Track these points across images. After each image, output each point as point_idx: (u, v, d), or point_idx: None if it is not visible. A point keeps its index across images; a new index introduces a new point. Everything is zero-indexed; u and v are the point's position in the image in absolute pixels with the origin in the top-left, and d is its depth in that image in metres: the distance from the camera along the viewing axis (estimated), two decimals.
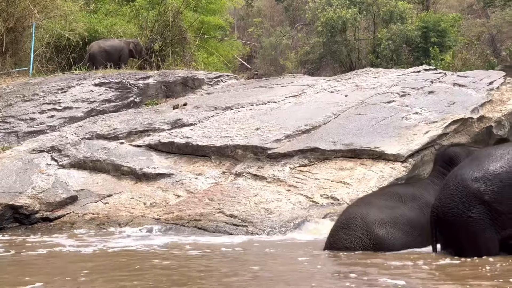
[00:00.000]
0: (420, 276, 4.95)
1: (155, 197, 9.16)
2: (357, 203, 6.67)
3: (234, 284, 4.84)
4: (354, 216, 6.34)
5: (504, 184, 5.89)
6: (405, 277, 4.77)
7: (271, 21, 32.27)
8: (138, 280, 4.89)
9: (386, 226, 6.25)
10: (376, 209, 6.36)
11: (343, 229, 6.33)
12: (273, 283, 4.84)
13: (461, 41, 23.86)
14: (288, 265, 5.82)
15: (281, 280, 5.00)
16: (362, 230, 6.23)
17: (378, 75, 12.82)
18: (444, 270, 5.24)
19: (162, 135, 10.77)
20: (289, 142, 9.76)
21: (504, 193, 5.87)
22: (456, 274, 5.04)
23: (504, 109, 10.23)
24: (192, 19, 19.86)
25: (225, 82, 14.90)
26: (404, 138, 9.29)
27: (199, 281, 4.89)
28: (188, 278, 5.01)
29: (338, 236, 6.32)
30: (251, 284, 4.80)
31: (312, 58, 26.20)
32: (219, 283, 4.79)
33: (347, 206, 6.99)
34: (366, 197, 6.95)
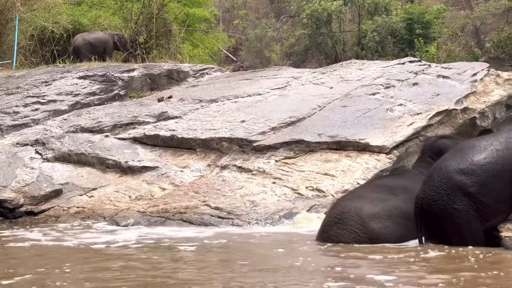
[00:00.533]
0: (406, 269, 4.95)
1: (140, 190, 9.14)
2: (349, 197, 6.64)
3: (218, 276, 4.84)
4: (347, 210, 6.31)
5: (488, 175, 5.92)
6: (392, 271, 4.77)
7: (256, 13, 32.22)
8: (123, 274, 4.88)
9: (381, 219, 6.24)
10: (369, 202, 6.35)
11: (337, 224, 6.29)
12: (258, 277, 4.84)
13: (446, 32, 23.94)
14: (272, 257, 5.82)
15: (265, 272, 5.00)
16: (357, 224, 6.22)
17: (363, 67, 12.84)
18: (430, 263, 5.26)
19: (147, 128, 10.74)
20: (274, 135, 9.76)
21: (488, 185, 5.90)
22: (442, 267, 5.05)
23: (488, 101, 10.29)
24: (177, 11, 19.77)
25: (210, 74, 14.86)
26: (389, 129, 9.31)
27: (182, 276, 4.89)
28: (173, 270, 5.01)
29: (332, 231, 6.29)
30: (236, 276, 4.81)
31: (297, 50, 26.22)
32: (207, 278, 4.79)
33: (338, 199, 6.97)
34: (357, 190, 6.93)
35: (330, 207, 6.75)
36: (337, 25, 24.64)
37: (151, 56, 17.08)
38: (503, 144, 6.15)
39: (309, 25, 23.49)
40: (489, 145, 6.15)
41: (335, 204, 6.72)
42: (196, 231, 7.47)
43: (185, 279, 4.77)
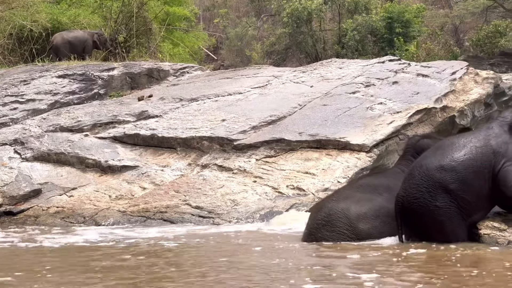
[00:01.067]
0: (387, 268, 4.97)
1: (121, 190, 9.10)
2: (335, 198, 6.63)
3: (199, 273, 4.83)
4: (335, 212, 6.32)
5: (468, 171, 5.98)
6: (372, 270, 4.78)
7: (236, 12, 32.20)
8: (104, 275, 4.86)
9: (369, 220, 6.27)
10: (356, 203, 6.37)
11: (325, 226, 6.30)
12: (232, 275, 4.82)
13: (425, 31, 24.11)
14: (250, 256, 5.82)
15: (241, 271, 4.98)
16: (346, 226, 6.23)
17: (343, 66, 12.87)
18: (411, 261, 5.28)
19: (127, 127, 10.68)
20: (255, 133, 9.76)
21: (469, 181, 5.96)
22: (423, 265, 5.08)
23: (467, 99, 10.36)
24: (157, 9, 19.66)
25: (190, 73, 14.81)
26: (369, 128, 9.35)
27: (168, 276, 4.88)
28: (160, 269, 5.00)
29: (321, 233, 6.29)
30: (210, 275, 4.80)
31: (278, 49, 26.24)
32: (188, 277, 4.78)
33: (322, 200, 6.96)
34: (342, 191, 6.92)
35: (316, 209, 6.73)
36: (317, 24, 24.70)
37: (131, 55, 16.98)
38: (482, 141, 6.22)
39: (290, 24, 23.52)
40: (468, 142, 6.21)
41: (320, 205, 6.70)
42: (175, 230, 7.45)
43: (160, 277, 4.76)
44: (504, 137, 6.32)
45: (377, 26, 22.63)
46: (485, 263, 5.24)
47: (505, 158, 6.14)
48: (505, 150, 6.20)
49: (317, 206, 6.84)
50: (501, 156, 6.14)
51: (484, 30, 22.66)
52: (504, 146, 6.23)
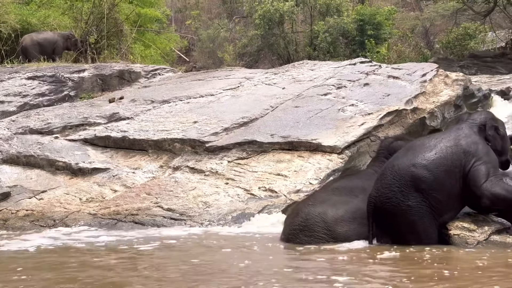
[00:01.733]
0: (358, 269, 4.98)
1: (91, 192, 9.02)
2: (311, 202, 6.64)
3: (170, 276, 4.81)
4: (312, 216, 6.34)
5: (439, 170, 6.06)
6: (343, 272, 4.79)
7: (208, 13, 32.10)
8: (75, 278, 4.81)
9: (347, 222, 6.30)
10: (332, 206, 6.39)
11: (303, 231, 6.31)
12: (196, 277, 4.79)
13: (396, 33, 24.26)
14: (218, 258, 5.78)
15: (206, 275, 4.95)
16: (324, 230, 6.25)
17: (315, 68, 12.92)
18: (384, 262, 5.31)
19: (98, 129, 10.60)
20: (227, 135, 9.74)
21: (440, 180, 6.03)
22: (396, 267, 5.10)
23: (437, 101, 10.44)
24: (128, 11, 19.56)
25: (162, 75, 14.77)
26: (341, 130, 9.38)
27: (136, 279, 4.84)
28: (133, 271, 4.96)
29: (299, 239, 6.30)
30: (178, 277, 4.76)
31: (250, 51, 26.19)
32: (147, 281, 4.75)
33: (298, 204, 6.96)
34: (318, 195, 6.95)
35: (292, 214, 6.73)
36: (289, 25, 24.72)
37: (102, 57, 16.86)
38: (452, 141, 6.31)
39: (262, 25, 23.50)
40: (439, 142, 6.30)
41: (296, 210, 6.70)
42: (145, 233, 7.40)
43: (118, 282, 4.71)
44: (473, 138, 6.42)
45: (348, 28, 22.71)
46: (457, 264, 5.28)
47: (475, 158, 6.23)
48: (475, 149, 6.30)
49: (293, 211, 6.84)
50: (471, 156, 6.23)
51: (454, 32, 22.87)
52: (474, 146, 6.32)
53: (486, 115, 6.95)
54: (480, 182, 6.13)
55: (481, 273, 4.85)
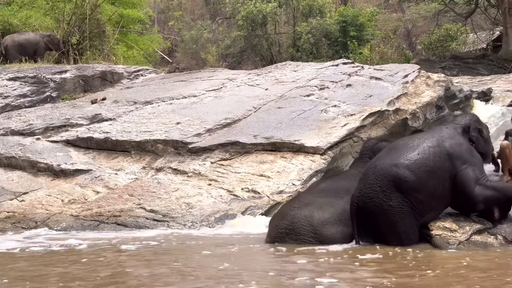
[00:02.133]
0: (339, 271, 4.97)
1: (74, 194, 8.98)
2: (297, 204, 6.63)
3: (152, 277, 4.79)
4: (298, 220, 6.34)
5: (422, 171, 6.09)
6: (325, 274, 4.78)
7: (191, 14, 32.04)
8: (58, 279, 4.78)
9: (333, 225, 6.30)
10: (318, 208, 6.40)
11: (289, 235, 6.31)
12: (179, 279, 4.76)
13: (378, 35, 24.36)
14: (197, 260, 5.74)
15: (187, 275, 4.92)
16: (311, 233, 6.25)
17: (298, 69, 12.94)
18: (366, 264, 5.31)
19: (80, 130, 10.55)
20: (210, 136, 9.73)
21: (422, 181, 6.06)
22: (378, 268, 5.11)
23: (419, 102, 10.50)
24: (111, 12, 19.49)
25: (145, 76, 14.73)
26: (323, 130, 9.40)
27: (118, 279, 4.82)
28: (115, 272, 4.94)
29: (285, 242, 6.29)
30: (165, 280, 4.74)
31: (233, 52, 26.21)
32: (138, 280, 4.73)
33: (284, 207, 6.94)
34: (303, 197, 6.93)
35: (278, 217, 6.71)
36: (272, 27, 24.74)
37: (84, 58, 16.77)
38: (435, 142, 6.34)
39: (245, 27, 23.51)
40: (422, 143, 6.34)
41: (282, 213, 6.68)
42: (127, 234, 7.36)
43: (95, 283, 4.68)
44: (457, 139, 6.46)
45: (331, 30, 22.77)
46: (438, 265, 5.30)
47: (460, 161, 6.27)
48: (459, 152, 6.34)
49: (278, 214, 6.82)
50: (456, 158, 6.26)
51: (435, 34, 23.01)
52: (458, 148, 6.36)
53: (471, 117, 7.02)
54: (471, 188, 6.20)
55: (463, 272, 4.88)
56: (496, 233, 6.33)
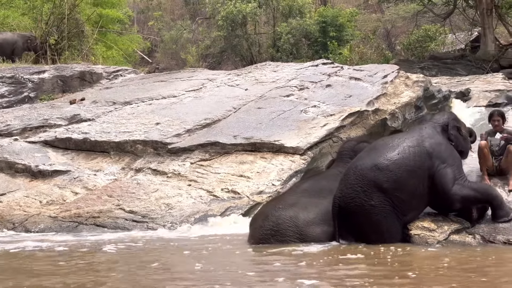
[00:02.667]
0: (320, 272, 4.95)
1: (52, 195, 8.90)
2: (282, 205, 6.60)
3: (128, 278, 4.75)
4: (283, 221, 6.32)
5: (402, 170, 6.11)
6: (305, 274, 4.75)
7: (171, 14, 31.93)
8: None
9: (318, 225, 6.31)
10: (303, 209, 6.39)
11: (275, 236, 6.28)
12: (161, 282, 4.72)
13: (358, 35, 24.43)
14: (174, 261, 5.69)
15: (169, 277, 4.87)
16: (296, 234, 6.24)
17: (278, 69, 12.96)
18: (348, 264, 5.31)
19: (59, 131, 10.48)
20: (189, 137, 9.70)
21: (403, 180, 6.09)
22: (360, 269, 5.10)
23: (398, 102, 10.54)
24: (90, 12, 19.37)
25: (124, 76, 14.66)
26: (303, 131, 9.42)
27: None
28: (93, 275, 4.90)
29: (270, 243, 6.27)
30: (142, 282, 4.70)
31: (213, 52, 26.15)
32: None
33: (267, 208, 6.88)
34: (287, 197, 6.90)
35: (260, 217, 6.66)
36: (252, 27, 24.72)
37: (63, 58, 16.65)
38: (415, 142, 6.38)
39: (225, 27, 23.47)
40: (401, 142, 6.37)
41: (265, 213, 6.62)
42: (105, 236, 7.31)
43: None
44: (437, 138, 6.50)
45: (311, 30, 22.81)
46: (418, 264, 5.32)
47: (439, 160, 6.30)
48: (438, 151, 6.37)
49: (261, 214, 6.77)
50: (435, 158, 6.30)
51: (414, 34, 23.13)
52: (437, 147, 6.40)
53: (449, 115, 7.04)
54: (449, 187, 6.24)
55: (441, 272, 4.90)
56: (474, 233, 6.38)
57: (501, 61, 20.99)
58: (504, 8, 22.89)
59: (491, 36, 21.53)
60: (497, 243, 6.19)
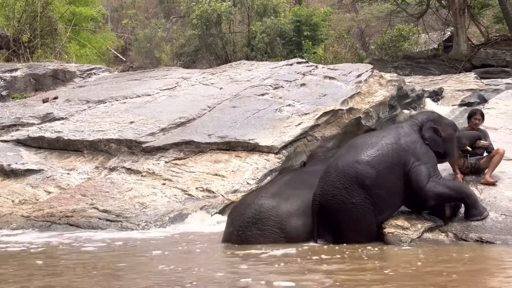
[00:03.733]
0: (304, 272, 4.92)
1: (24, 194, 8.81)
2: (264, 194, 6.57)
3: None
4: (266, 210, 6.29)
5: (382, 167, 6.15)
6: (287, 276, 4.72)
7: (145, 13, 31.83)
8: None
9: (299, 217, 6.30)
10: (285, 200, 6.39)
11: (256, 224, 6.24)
12: (127, 283, 4.66)
13: (332, 35, 24.58)
14: (142, 262, 5.60)
15: (137, 278, 4.79)
16: (277, 224, 6.21)
17: (252, 68, 12.96)
18: (324, 264, 5.30)
19: (32, 130, 10.38)
20: (164, 136, 9.67)
21: (382, 176, 6.13)
22: (339, 267, 5.09)
23: (372, 101, 10.61)
24: (63, 10, 19.22)
25: (98, 74, 14.57)
26: (278, 130, 9.43)
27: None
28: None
29: (251, 232, 6.24)
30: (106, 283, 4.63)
31: (187, 51, 26.12)
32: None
33: (248, 198, 6.84)
34: (269, 187, 6.87)
35: (242, 205, 6.60)
36: (227, 26, 24.73)
37: (36, 56, 16.51)
38: (393, 139, 6.42)
39: (199, 25, 23.46)
40: (380, 140, 6.41)
41: (247, 202, 6.57)
42: (78, 235, 7.24)
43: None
44: (413, 137, 6.54)
45: (285, 29, 22.88)
46: (392, 262, 5.35)
47: (414, 157, 6.35)
48: (413, 148, 6.42)
49: (242, 203, 6.70)
50: (410, 155, 6.35)
51: (388, 34, 23.33)
52: (412, 145, 6.44)
53: (428, 116, 6.93)
54: (423, 184, 6.27)
55: (416, 269, 4.92)
56: (447, 231, 6.43)
57: (474, 60, 21.25)
58: (477, 8, 23.19)
59: (463, 36, 21.78)
60: (470, 241, 6.25)
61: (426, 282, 4.47)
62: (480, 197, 6.88)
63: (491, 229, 6.38)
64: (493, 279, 4.74)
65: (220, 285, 4.50)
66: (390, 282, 4.50)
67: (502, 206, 6.69)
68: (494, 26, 24.59)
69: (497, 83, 13.73)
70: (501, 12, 22.25)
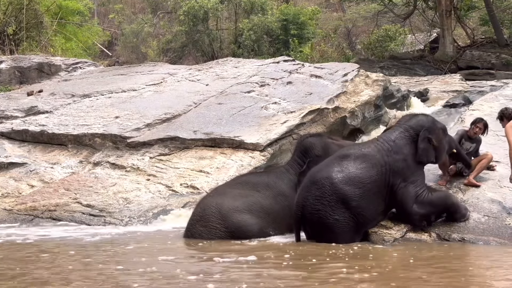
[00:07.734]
0: (275, 274, 4.88)
1: (7, 188, 8.75)
2: (212, 194, 6.83)
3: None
4: (209, 207, 6.48)
5: (369, 189, 6.14)
6: (259, 277, 4.65)
7: (132, 7, 31.69)
8: None
9: (241, 213, 6.40)
10: (231, 198, 6.51)
11: (199, 222, 6.44)
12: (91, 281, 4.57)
13: (319, 33, 24.60)
14: (116, 257, 5.52)
15: (98, 275, 4.70)
16: (218, 220, 6.37)
17: (239, 65, 12.95)
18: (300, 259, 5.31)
19: (16, 123, 10.31)
20: (149, 131, 9.64)
21: (368, 198, 6.13)
22: (321, 266, 5.09)
23: (358, 100, 10.64)
24: (49, 2, 19.09)
25: (83, 69, 14.49)
26: (263, 127, 9.43)
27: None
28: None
29: (195, 229, 6.42)
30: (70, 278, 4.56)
31: (174, 47, 26.02)
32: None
33: (203, 197, 7.05)
34: (220, 187, 7.10)
35: (195, 206, 6.84)
36: (214, 22, 24.69)
37: (21, 49, 16.39)
38: (381, 159, 6.35)
39: (186, 22, 23.39)
40: (369, 159, 6.34)
41: (199, 202, 6.84)
42: (47, 229, 7.19)
43: None
44: (402, 153, 6.41)
45: (272, 27, 22.88)
46: (375, 259, 5.36)
47: (401, 178, 6.32)
48: (401, 168, 6.35)
49: (197, 204, 6.93)
50: (398, 176, 6.31)
51: (375, 34, 23.38)
52: (401, 164, 6.37)
53: (422, 122, 6.70)
54: (409, 206, 6.30)
55: (399, 269, 4.94)
56: (430, 231, 6.48)
57: (459, 62, 21.37)
58: (463, 10, 23.31)
59: (449, 38, 21.89)
60: (452, 241, 6.29)
61: (411, 281, 4.49)
62: (463, 198, 6.92)
63: (473, 230, 6.43)
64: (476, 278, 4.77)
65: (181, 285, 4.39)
66: (376, 281, 4.51)
67: (485, 208, 6.74)
68: (480, 28, 24.73)
69: (482, 85, 13.80)
70: (487, 15, 22.38)
